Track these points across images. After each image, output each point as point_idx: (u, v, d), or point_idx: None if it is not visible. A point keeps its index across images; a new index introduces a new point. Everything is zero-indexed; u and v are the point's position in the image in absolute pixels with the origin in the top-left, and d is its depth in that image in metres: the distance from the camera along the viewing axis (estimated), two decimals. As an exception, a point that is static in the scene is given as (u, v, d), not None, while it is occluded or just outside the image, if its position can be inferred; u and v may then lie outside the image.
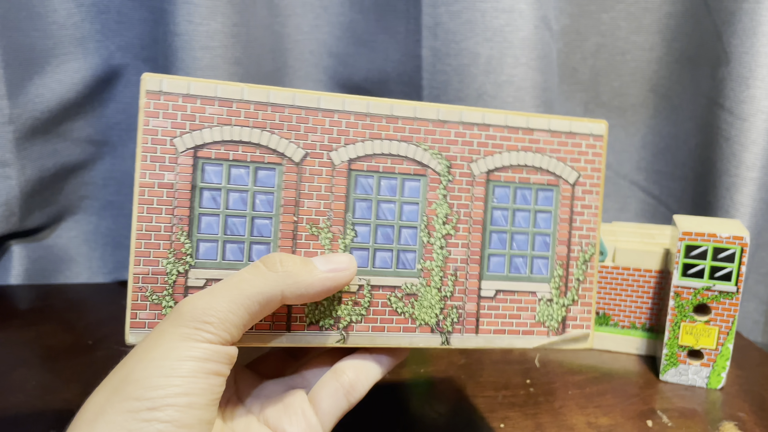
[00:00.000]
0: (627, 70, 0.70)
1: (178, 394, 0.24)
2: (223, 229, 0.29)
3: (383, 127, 0.30)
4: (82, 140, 0.67)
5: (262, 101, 0.29)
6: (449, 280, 0.31)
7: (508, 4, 0.59)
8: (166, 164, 0.28)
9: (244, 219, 0.29)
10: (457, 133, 0.31)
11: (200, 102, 0.28)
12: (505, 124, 0.31)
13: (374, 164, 0.30)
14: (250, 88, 0.29)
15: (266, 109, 0.29)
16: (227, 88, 0.28)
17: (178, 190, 0.28)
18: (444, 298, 0.31)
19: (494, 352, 0.52)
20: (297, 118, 0.29)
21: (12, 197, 0.62)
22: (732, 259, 0.44)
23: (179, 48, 0.58)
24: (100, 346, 0.52)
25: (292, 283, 0.26)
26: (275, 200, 0.29)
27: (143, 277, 0.28)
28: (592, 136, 0.32)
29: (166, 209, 0.28)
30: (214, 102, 0.28)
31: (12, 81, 0.60)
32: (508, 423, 0.42)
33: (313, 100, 0.29)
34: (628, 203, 0.74)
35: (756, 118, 0.59)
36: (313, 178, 0.29)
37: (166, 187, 0.28)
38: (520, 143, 0.32)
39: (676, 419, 0.43)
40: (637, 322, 0.52)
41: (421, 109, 0.31)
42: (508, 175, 0.32)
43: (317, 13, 0.68)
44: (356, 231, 0.30)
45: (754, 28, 0.58)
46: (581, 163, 0.32)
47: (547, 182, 0.32)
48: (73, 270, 0.70)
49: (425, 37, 0.62)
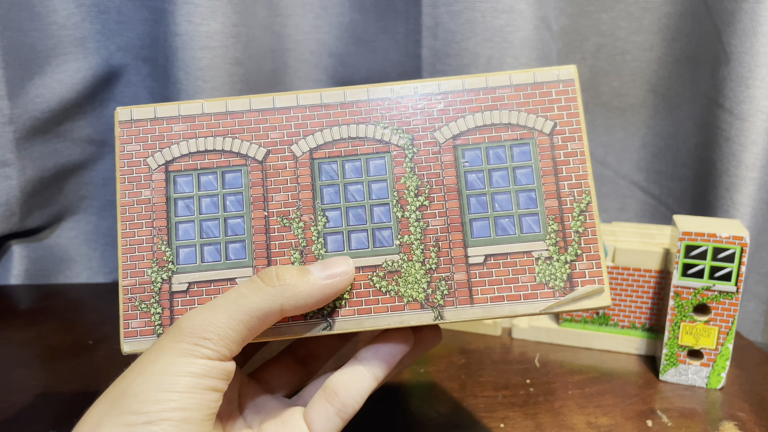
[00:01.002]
0: (627, 70, 0.70)
1: (174, 409, 0.24)
2: (198, 233, 0.30)
3: (339, 114, 0.31)
4: (82, 140, 0.67)
5: (221, 111, 0.31)
6: (432, 251, 0.30)
7: (508, 5, 0.59)
8: (142, 182, 0.31)
9: (218, 221, 0.30)
10: (415, 106, 0.31)
11: (166, 122, 0.31)
12: (463, 88, 0.31)
13: (335, 150, 0.31)
14: (208, 102, 0.31)
15: (226, 118, 0.31)
16: (188, 105, 0.31)
17: (154, 203, 0.31)
18: (429, 271, 0.30)
19: (494, 352, 0.52)
20: (255, 121, 0.31)
21: (12, 197, 0.62)
22: (732, 259, 0.44)
23: (179, 48, 0.58)
24: (101, 346, 0.52)
25: (291, 296, 0.27)
26: (244, 199, 0.30)
27: (131, 288, 0.30)
28: (561, 83, 0.31)
29: (146, 223, 0.31)
30: (178, 120, 0.31)
31: (12, 81, 0.60)
32: (508, 423, 0.42)
33: (267, 101, 0.31)
34: (628, 203, 0.74)
35: (756, 118, 0.59)
36: (277, 173, 0.31)
37: (144, 203, 0.31)
38: (482, 104, 0.31)
39: (676, 419, 0.43)
40: (637, 322, 0.52)
41: (374, 90, 0.31)
42: (475, 137, 0.31)
43: (317, 13, 0.68)
44: (327, 216, 0.30)
45: (754, 28, 0.58)
46: (555, 111, 0.31)
47: (519, 136, 0.31)
48: (73, 270, 0.70)
49: (425, 37, 0.62)
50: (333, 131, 0.31)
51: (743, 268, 0.44)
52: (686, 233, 0.45)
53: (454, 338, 0.55)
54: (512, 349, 0.53)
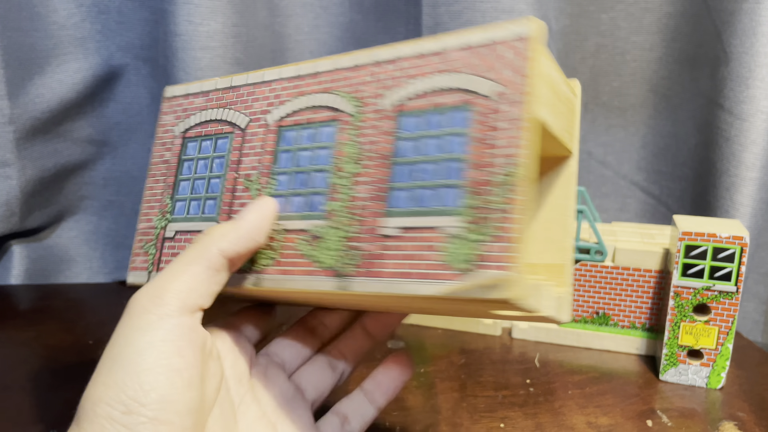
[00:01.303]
0: (627, 70, 0.70)
1: (151, 390, 0.24)
2: (191, 189, 0.35)
3: (309, 84, 0.32)
4: (82, 140, 0.67)
5: (227, 86, 0.35)
6: (354, 220, 0.29)
7: (508, 5, 0.59)
8: (166, 146, 0.36)
9: (204, 180, 0.34)
10: (371, 73, 0.30)
11: (191, 98, 0.36)
12: (417, 53, 0.29)
13: (298, 119, 0.32)
14: (222, 79, 0.35)
15: (228, 92, 0.35)
16: (207, 83, 0.36)
17: (170, 164, 0.36)
18: (346, 239, 0.28)
19: (494, 352, 0.52)
20: (247, 93, 0.34)
21: (12, 197, 0.62)
22: (732, 259, 0.44)
23: (179, 48, 0.58)
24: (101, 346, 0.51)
25: (220, 237, 0.28)
26: (225, 162, 0.34)
27: (143, 231, 0.35)
28: (517, 40, 0.27)
29: (163, 180, 0.36)
30: (198, 95, 0.36)
31: (12, 81, 0.60)
32: (508, 423, 0.42)
33: (259, 76, 0.34)
34: (628, 203, 0.74)
35: (755, 118, 0.59)
36: (252, 139, 0.33)
37: (164, 163, 0.36)
38: (434, 68, 0.28)
39: (676, 419, 0.43)
40: (637, 322, 0.52)
41: (339, 60, 0.31)
42: (419, 104, 0.28)
43: (317, 14, 0.68)
44: (277, 180, 0.31)
45: (754, 28, 0.58)
46: (503, 72, 0.26)
47: (461, 101, 0.27)
48: (74, 270, 0.70)
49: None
50: (300, 101, 0.32)
51: (743, 268, 0.44)
52: (686, 233, 0.45)
53: (454, 338, 0.55)
54: (512, 349, 0.53)
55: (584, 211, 0.50)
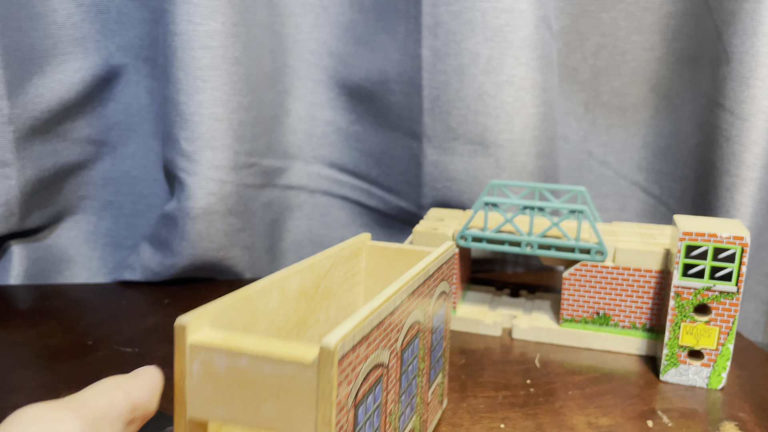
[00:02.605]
0: (627, 70, 0.70)
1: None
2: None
3: (410, 302, 0.33)
4: (81, 140, 0.67)
5: (379, 321, 0.28)
6: (426, 404, 0.37)
7: (508, 4, 0.59)
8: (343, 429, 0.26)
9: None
10: (426, 285, 0.35)
11: (357, 349, 0.26)
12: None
13: (409, 338, 0.33)
14: (374, 314, 0.27)
15: (380, 328, 0.28)
16: (362, 324, 0.26)
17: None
18: (420, 420, 0.36)
19: (494, 352, 0.52)
20: (389, 324, 0.29)
21: (12, 197, 0.62)
22: (732, 259, 0.44)
23: (179, 48, 0.58)
24: (100, 346, 0.52)
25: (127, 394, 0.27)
26: (380, 410, 0.29)
27: None
28: None
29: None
30: (362, 343, 0.26)
31: (12, 81, 0.60)
32: (509, 423, 0.42)
33: (392, 301, 0.29)
34: (629, 203, 0.74)
35: (756, 117, 0.59)
36: (390, 373, 0.31)
37: None
38: None
39: (677, 419, 0.43)
40: (638, 322, 0.52)
41: (414, 280, 0.33)
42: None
43: (317, 13, 0.68)
44: (402, 400, 0.33)
45: (755, 27, 0.58)
46: None
47: None
48: (73, 270, 0.70)
49: (425, 37, 0.62)
50: (408, 319, 0.32)
51: (744, 268, 0.44)
52: (687, 233, 0.45)
53: (455, 338, 0.55)
54: (512, 349, 0.53)
55: (585, 211, 0.50)
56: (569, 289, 0.53)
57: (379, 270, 0.43)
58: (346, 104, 0.71)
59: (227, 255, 0.65)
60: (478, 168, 0.65)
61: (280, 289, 0.33)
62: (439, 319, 0.39)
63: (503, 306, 0.59)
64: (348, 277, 0.41)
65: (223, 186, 0.62)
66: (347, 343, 0.24)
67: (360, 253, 0.42)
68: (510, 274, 0.72)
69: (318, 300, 0.37)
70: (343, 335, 0.24)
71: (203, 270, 0.66)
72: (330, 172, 0.74)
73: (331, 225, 0.75)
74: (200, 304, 0.28)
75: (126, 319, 0.58)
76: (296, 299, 0.35)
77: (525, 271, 0.73)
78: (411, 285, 0.32)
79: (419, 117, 0.65)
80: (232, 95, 0.60)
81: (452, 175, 0.66)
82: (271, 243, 0.72)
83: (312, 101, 0.71)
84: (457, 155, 0.65)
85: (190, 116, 0.59)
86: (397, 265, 0.42)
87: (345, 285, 0.41)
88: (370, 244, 0.43)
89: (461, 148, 0.64)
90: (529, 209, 0.52)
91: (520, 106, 0.62)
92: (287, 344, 0.24)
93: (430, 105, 0.64)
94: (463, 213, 0.61)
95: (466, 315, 0.56)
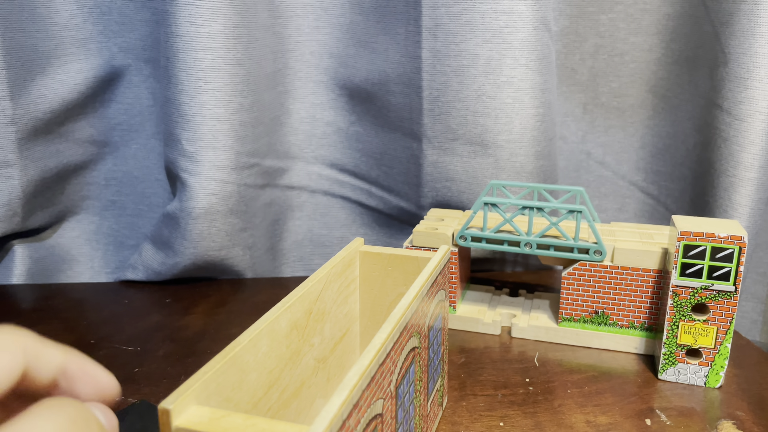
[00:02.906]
0: (626, 71, 0.70)
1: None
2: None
3: (403, 337, 0.33)
4: (84, 141, 0.68)
5: (370, 379, 0.29)
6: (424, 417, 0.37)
7: (507, 6, 0.60)
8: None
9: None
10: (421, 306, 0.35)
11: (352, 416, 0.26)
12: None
13: (402, 372, 0.33)
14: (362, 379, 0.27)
15: (372, 382, 0.28)
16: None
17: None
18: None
19: (493, 351, 0.52)
20: (381, 374, 0.30)
21: (14, 197, 0.62)
22: (730, 258, 0.45)
23: (180, 49, 0.58)
24: (102, 345, 0.52)
25: None
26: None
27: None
28: None
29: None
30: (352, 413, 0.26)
31: (14, 82, 0.60)
32: (508, 422, 0.42)
33: (383, 351, 0.29)
34: (627, 203, 0.75)
35: (754, 118, 0.59)
36: (384, 419, 0.31)
37: None
38: None
39: (675, 418, 0.43)
40: (636, 321, 0.52)
41: (410, 309, 0.34)
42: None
43: (318, 15, 0.68)
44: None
45: (752, 29, 0.58)
46: None
47: None
48: (75, 270, 0.70)
49: (425, 39, 0.63)
50: (402, 355, 0.33)
51: (741, 267, 0.44)
52: (685, 233, 0.45)
53: (454, 337, 0.55)
54: (511, 348, 0.53)
55: (583, 211, 0.51)
56: (568, 289, 0.53)
57: (374, 276, 0.42)
58: (346, 105, 0.71)
59: (229, 255, 0.66)
60: (477, 168, 0.65)
61: (269, 333, 0.31)
62: (437, 328, 0.38)
63: (502, 305, 0.59)
64: (342, 290, 0.40)
65: (224, 186, 0.62)
66: (335, 425, 0.23)
67: (353, 262, 0.42)
68: (509, 273, 0.72)
69: (311, 325, 0.36)
70: (330, 419, 0.23)
71: (205, 269, 0.66)
72: (330, 172, 0.74)
73: (331, 225, 0.75)
74: (201, 303, 0.28)
75: (128, 318, 0.58)
76: (287, 335, 0.33)
77: (524, 270, 0.73)
78: (404, 319, 0.32)
79: (419, 118, 0.65)
80: (233, 96, 0.61)
81: (452, 175, 0.66)
82: (272, 243, 0.72)
83: (313, 102, 0.71)
84: (457, 156, 0.65)
85: (192, 117, 0.60)
86: (391, 271, 0.42)
87: (339, 299, 0.40)
88: (363, 251, 0.42)
89: (461, 149, 0.65)
90: (528, 209, 0.52)
91: (519, 106, 0.62)
92: (274, 426, 0.23)
93: (430, 106, 0.64)
94: (463, 213, 0.62)
95: (465, 314, 0.57)
